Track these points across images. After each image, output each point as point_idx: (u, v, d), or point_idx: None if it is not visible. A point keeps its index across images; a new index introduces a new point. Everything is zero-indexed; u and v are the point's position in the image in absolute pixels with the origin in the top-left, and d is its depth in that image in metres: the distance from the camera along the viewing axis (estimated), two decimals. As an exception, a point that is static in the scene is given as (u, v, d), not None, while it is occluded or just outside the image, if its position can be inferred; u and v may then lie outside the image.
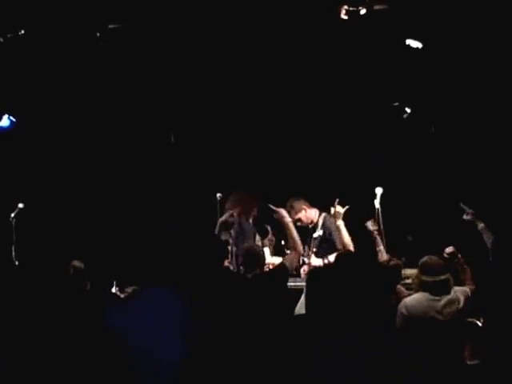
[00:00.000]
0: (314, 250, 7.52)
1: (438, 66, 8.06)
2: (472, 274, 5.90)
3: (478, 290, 5.51)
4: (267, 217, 7.19)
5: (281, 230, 6.46)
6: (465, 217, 6.52)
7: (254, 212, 7.36)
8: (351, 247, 6.39)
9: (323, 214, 7.61)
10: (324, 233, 7.54)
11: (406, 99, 8.78)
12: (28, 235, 8.24)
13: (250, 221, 7.59)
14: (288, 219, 5.93)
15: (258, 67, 8.41)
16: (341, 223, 6.52)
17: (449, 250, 6.06)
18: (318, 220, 7.68)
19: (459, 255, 6.04)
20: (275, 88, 8.74)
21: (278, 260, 6.74)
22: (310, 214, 7.68)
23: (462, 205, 6.56)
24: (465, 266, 5.97)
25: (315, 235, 7.58)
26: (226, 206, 7.37)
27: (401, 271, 6.36)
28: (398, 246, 7.36)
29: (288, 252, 6.38)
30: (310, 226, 7.68)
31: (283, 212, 6.00)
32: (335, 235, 7.09)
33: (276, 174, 9.00)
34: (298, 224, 7.35)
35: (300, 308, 5.41)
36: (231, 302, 4.36)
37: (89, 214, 9.21)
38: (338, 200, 6.58)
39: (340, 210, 6.53)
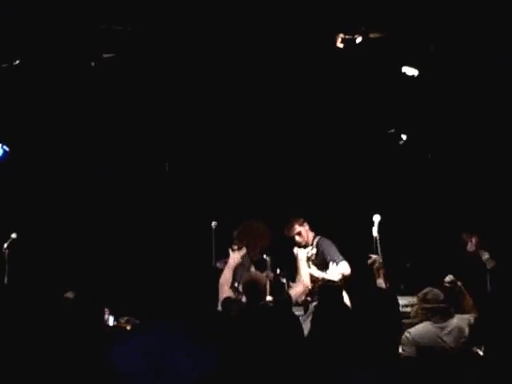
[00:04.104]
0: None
1: (433, 93, 8.11)
2: (473, 301, 5.83)
3: (479, 318, 5.45)
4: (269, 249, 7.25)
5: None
6: (469, 248, 6.48)
7: (257, 252, 7.28)
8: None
9: (318, 236, 7.69)
10: (317, 252, 7.52)
11: (402, 126, 8.78)
12: (21, 266, 8.14)
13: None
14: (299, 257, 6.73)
15: (253, 96, 8.46)
16: None
17: (448, 278, 5.98)
18: (312, 241, 7.70)
19: (459, 283, 5.96)
20: (271, 115, 8.76)
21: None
22: (309, 232, 7.73)
23: (463, 236, 6.52)
24: (465, 294, 5.90)
25: (309, 254, 7.49)
26: (234, 234, 7.32)
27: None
28: (396, 274, 7.32)
29: (293, 284, 6.58)
30: (304, 244, 7.69)
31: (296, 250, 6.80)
32: (327, 253, 7.38)
33: (271, 201, 8.96)
34: (297, 239, 7.55)
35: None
36: (237, 330, 4.34)
37: (83, 245, 9.12)
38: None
39: None
